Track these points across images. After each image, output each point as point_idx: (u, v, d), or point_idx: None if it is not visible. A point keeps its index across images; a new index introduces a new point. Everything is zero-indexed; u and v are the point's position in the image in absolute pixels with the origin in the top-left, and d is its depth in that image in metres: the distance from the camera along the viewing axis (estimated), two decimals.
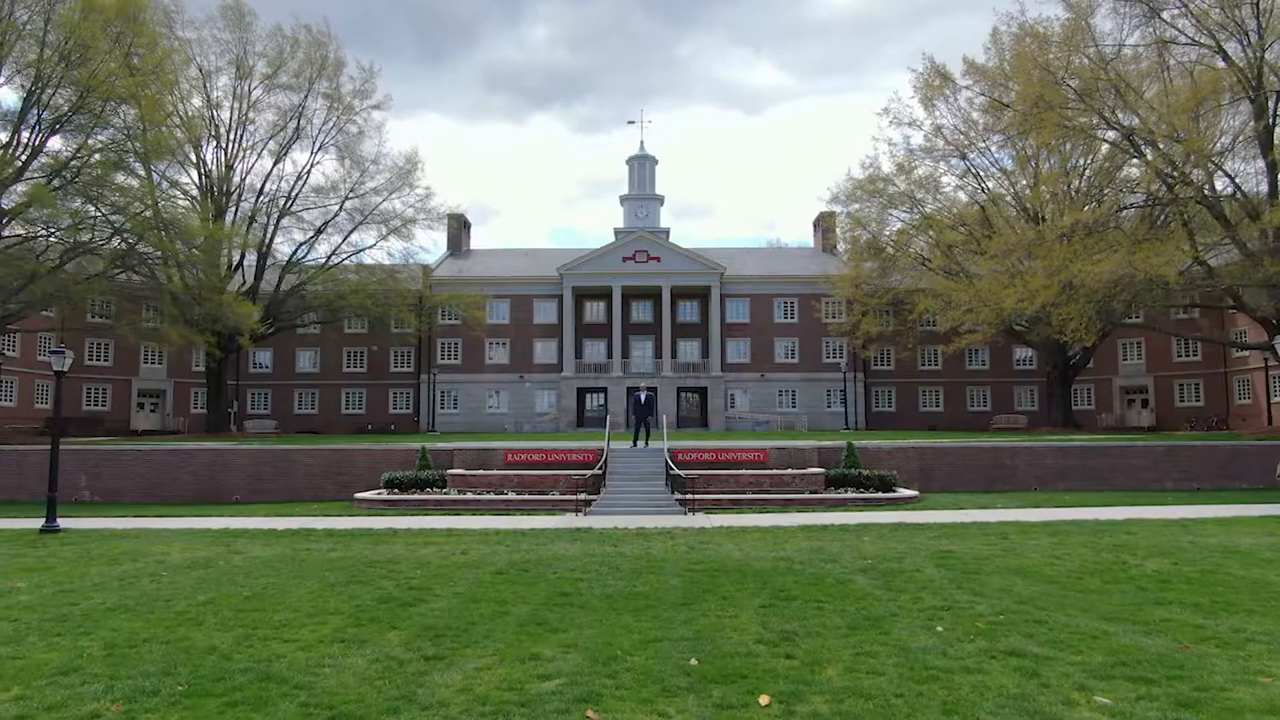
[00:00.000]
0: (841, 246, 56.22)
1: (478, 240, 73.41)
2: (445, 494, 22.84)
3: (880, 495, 22.33)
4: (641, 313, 60.55)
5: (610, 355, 58.02)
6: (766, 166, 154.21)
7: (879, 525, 17.76)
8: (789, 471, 23.18)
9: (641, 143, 67.69)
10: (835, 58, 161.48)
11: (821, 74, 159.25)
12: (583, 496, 20.88)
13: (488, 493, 22.64)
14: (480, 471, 23.54)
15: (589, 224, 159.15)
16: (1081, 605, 9.87)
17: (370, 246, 52.02)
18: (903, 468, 25.40)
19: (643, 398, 24.46)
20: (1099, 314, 30.89)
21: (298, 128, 50.12)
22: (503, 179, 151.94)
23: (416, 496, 22.39)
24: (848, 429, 49.76)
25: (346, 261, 52.07)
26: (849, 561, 13.01)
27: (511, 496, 22.12)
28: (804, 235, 78.20)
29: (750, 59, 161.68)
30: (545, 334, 59.97)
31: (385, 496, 22.49)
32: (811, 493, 22.85)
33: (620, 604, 10.18)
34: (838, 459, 25.06)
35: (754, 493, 22.58)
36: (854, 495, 22.30)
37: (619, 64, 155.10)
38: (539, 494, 22.64)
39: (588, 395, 58.98)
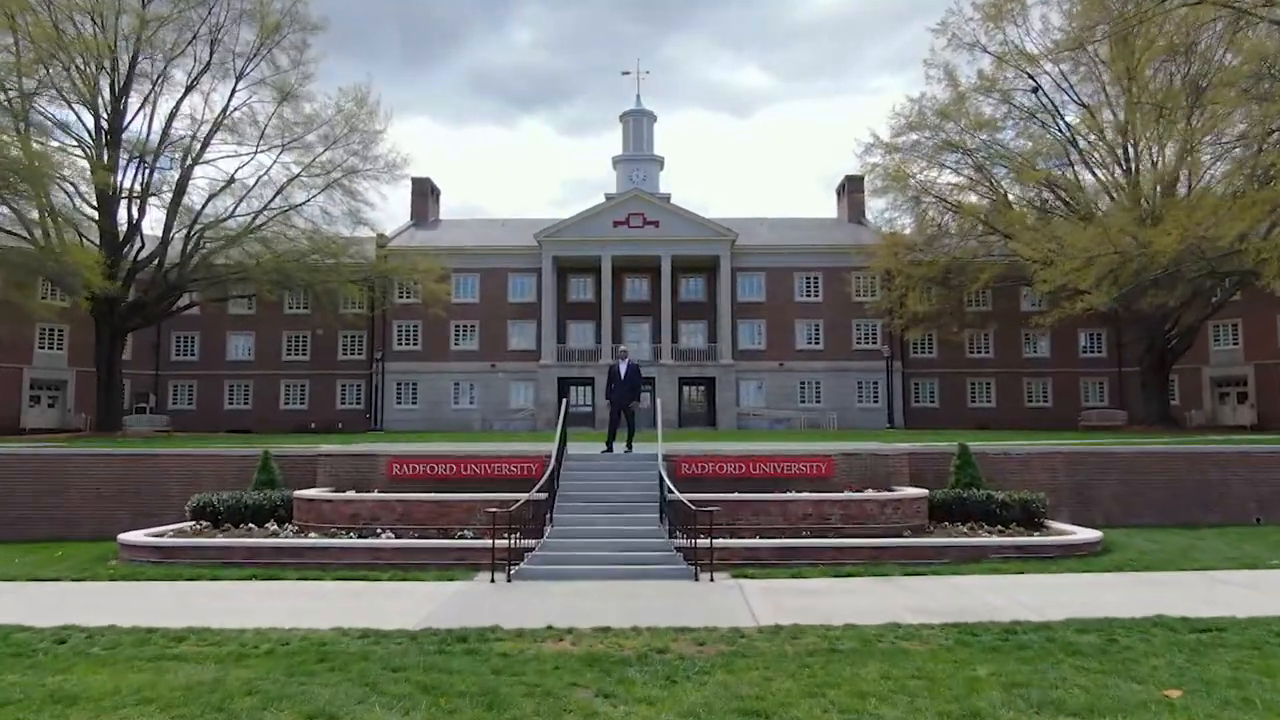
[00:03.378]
0: (880, 205, 46.39)
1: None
2: (279, 535, 13.21)
3: (1038, 541, 12.60)
4: (637, 289, 50.82)
5: (599, 340, 48.32)
6: (758, 169, 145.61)
7: (1132, 626, 8.05)
8: (871, 496, 13.48)
9: (638, 96, 58.18)
10: (821, 60, 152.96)
11: (807, 77, 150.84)
12: (511, 542, 11.22)
13: (350, 533, 12.97)
14: (349, 496, 13.89)
15: None
16: None
17: (302, 204, 42.14)
18: (1042, 485, 15.79)
19: (622, 369, 14.67)
20: None
21: (211, 56, 40.43)
22: (493, 182, 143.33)
23: (220, 541, 12.71)
24: (890, 428, 40.16)
25: (276, 221, 42.31)
26: None
27: (386, 542, 12.43)
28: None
29: (736, 62, 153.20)
30: (522, 315, 50.29)
31: (169, 540, 12.78)
32: (913, 531, 13.23)
33: None
34: (941, 471, 15.44)
35: (813, 531, 12.94)
36: (995, 539, 12.61)
37: (604, 67, 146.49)
38: (441, 532, 12.99)
39: (572, 388, 49.19)
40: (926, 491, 13.98)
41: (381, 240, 50.38)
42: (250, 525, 13.65)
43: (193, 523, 14.37)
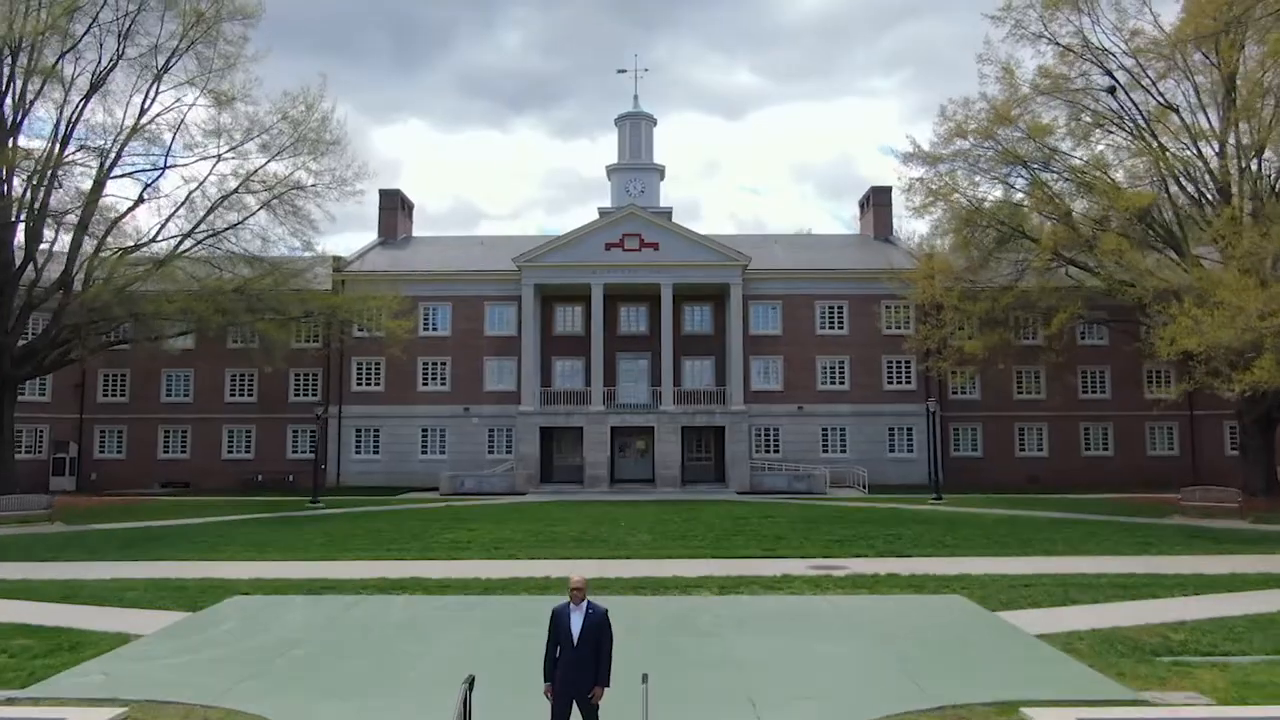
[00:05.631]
0: (921, 227, 39.48)
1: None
2: None
3: None
4: (633, 321, 44.01)
5: (589, 381, 41.46)
6: (756, 171, 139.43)
7: None
8: None
9: (635, 97, 51.47)
10: (811, 62, 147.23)
11: (798, 78, 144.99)
12: None
13: None
14: None
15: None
16: None
17: (228, 229, 35.30)
18: None
19: (575, 627, 7.85)
20: None
21: (120, 50, 33.71)
22: (488, 184, 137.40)
23: None
24: (936, 499, 33.33)
25: (203, 248, 35.60)
26: None
27: None
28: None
29: (726, 64, 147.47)
30: (500, 350, 43.54)
31: None
32: None
33: None
34: None
35: None
36: None
37: (595, 69, 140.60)
38: None
39: (557, 434, 42.42)
40: None
41: (338, 263, 43.68)
42: None
43: None
